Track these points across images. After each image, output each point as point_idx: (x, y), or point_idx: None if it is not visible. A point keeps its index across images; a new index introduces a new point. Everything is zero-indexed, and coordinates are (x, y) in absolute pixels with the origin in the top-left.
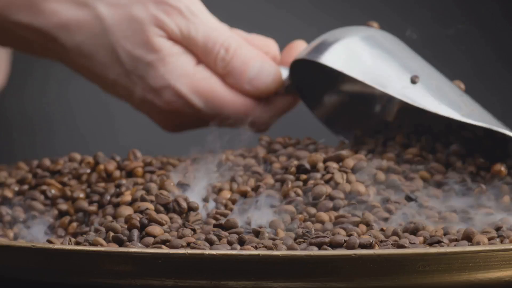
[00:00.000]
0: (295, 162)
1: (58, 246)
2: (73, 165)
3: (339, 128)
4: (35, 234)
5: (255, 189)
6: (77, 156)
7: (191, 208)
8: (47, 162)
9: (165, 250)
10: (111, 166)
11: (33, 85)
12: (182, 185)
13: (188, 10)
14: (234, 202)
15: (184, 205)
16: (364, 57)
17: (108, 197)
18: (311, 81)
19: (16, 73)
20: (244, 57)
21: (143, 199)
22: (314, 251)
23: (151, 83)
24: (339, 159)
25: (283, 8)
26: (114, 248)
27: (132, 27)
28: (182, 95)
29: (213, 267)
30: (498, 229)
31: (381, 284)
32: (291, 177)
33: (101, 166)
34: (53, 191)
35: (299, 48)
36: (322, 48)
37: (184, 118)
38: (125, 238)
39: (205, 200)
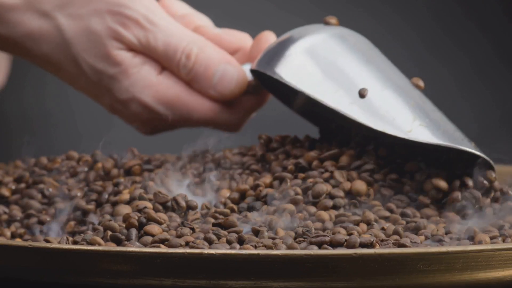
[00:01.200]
0: (292, 160)
1: (55, 245)
2: (71, 164)
3: (317, 121)
4: (32, 233)
5: (254, 187)
6: (75, 155)
7: (190, 207)
8: (44, 160)
9: (163, 249)
10: (109, 164)
11: (33, 84)
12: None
13: (145, 19)
14: (233, 200)
15: (183, 203)
16: (316, 67)
17: (106, 196)
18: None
19: (16, 73)
20: (206, 63)
21: (141, 198)
22: (314, 251)
23: (116, 95)
24: (336, 157)
25: (283, 8)
26: (112, 247)
27: (91, 40)
28: (148, 106)
29: (212, 266)
30: (500, 228)
31: (382, 284)
32: (290, 175)
33: (99, 165)
34: (50, 190)
35: (268, 40)
36: (274, 57)
37: (157, 123)
38: (123, 237)
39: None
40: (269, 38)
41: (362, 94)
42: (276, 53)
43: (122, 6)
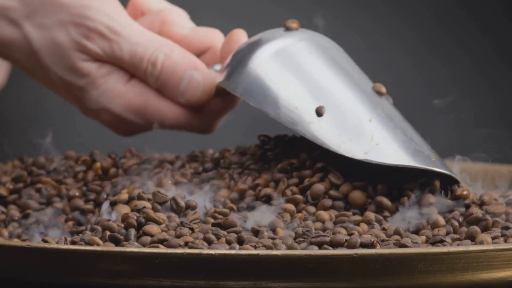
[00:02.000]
0: (285, 161)
1: (53, 245)
2: (69, 163)
3: None
4: (30, 233)
5: (253, 187)
6: (73, 154)
7: (189, 207)
8: (42, 160)
9: (162, 249)
10: (108, 164)
11: (32, 84)
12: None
13: (108, 30)
14: (232, 200)
15: (182, 203)
16: (276, 81)
17: (105, 196)
18: None
19: (16, 73)
20: (172, 70)
21: (140, 198)
22: (314, 251)
23: (87, 105)
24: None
25: (283, 7)
26: (110, 247)
27: (57, 52)
28: (118, 116)
29: (211, 267)
30: (503, 228)
31: (383, 284)
32: (286, 175)
33: (98, 164)
34: (48, 189)
35: (238, 39)
36: (235, 71)
37: (130, 128)
38: (121, 237)
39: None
40: (240, 37)
41: (319, 113)
42: (238, 65)
43: (85, 18)
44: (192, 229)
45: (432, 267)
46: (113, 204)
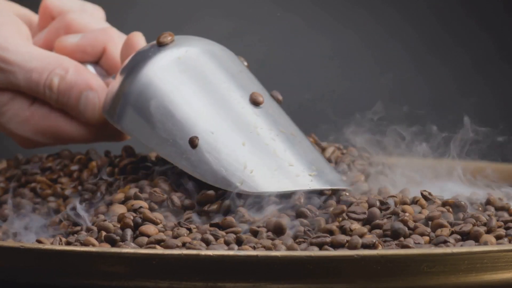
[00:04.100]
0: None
1: (48, 246)
2: (64, 162)
3: None
4: (24, 234)
5: None
6: (68, 153)
7: (186, 207)
8: (36, 159)
9: (159, 250)
10: (103, 163)
11: None
12: None
13: (0, 60)
14: None
15: (178, 203)
16: (148, 115)
17: (100, 195)
18: None
19: None
20: (69, 92)
21: (136, 197)
22: (315, 252)
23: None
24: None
25: (282, 6)
26: (106, 248)
27: None
28: (28, 139)
29: (209, 268)
30: (507, 228)
31: (385, 286)
32: None
33: (93, 163)
34: (43, 189)
35: (135, 43)
36: (116, 103)
37: (43, 145)
38: (118, 238)
39: None
40: (136, 41)
41: (192, 144)
42: (117, 97)
43: None
44: (189, 229)
45: (435, 268)
46: (109, 204)
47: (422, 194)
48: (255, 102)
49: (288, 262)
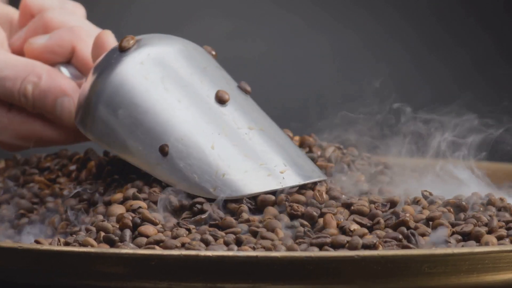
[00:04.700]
0: None
1: (46, 246)
2: (63, 162)
3: None
4: (23, 234)
5: None
6: (67, 153)
7: (184, 206)
8: (35, 158)
9: (158, 251)
10: (102, 162)
11: None
12: None
13: None
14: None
15: (176, 202)
16: (117, 125)
17: (99, 195)
18: None
19: None
20: (44, 99)
21: (135, 197)
22: (315, 252)
23: None
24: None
25: (282, 6)
26: (105, 249)
27: None
28: (9, 144)
29: (209, 269)
30: (508, 228)
31: (385, 287)
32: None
33: (92, 163)
34: (41, 189)
35: (104, 42)
36: (85, 114)
37: (26, 148)
38: (116, 238)
39: None
40: (105, 40)
41: (163, 152)
42: (86, 109)
43: None
44: (189, 230)
45: (436, 269)
46: (107, 204)
47: (423, 194)
48: (221, 101)
49: (288, 262)
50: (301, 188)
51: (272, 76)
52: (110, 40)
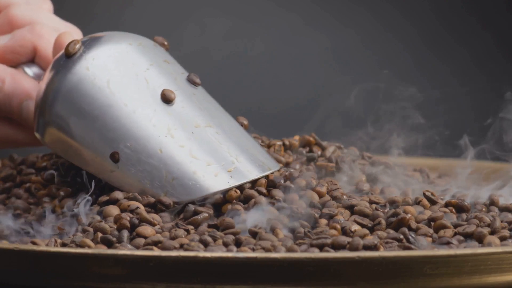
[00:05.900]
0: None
1: (43, 248)
2: (60, 161)
3: None
4: (19, 235)
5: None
6: None
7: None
8: (31, 158)
9: (156, 252)
10: None
11: None
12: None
13: None
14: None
15: (168, 201)
16: (71, 134)
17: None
18: None
19: None
20: (9, 103)
21: (133, 198)
22: (315, 253)
23: None
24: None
25: (283, 6)
26: (102, 250)
27: None
28: None
29: (207, 270)
30: (511, 229)
31: None
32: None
33: None
34: (38, 189)
35: (64, 44)
36: (39, 122)
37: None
38: (114, 239)
39: None
40: (66, 42)
41: (114, 159)
42: (40, 117)
43: None
44: (187, 231)
45: (438, 270)
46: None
47: (424, 194)
48: (167, 101)
49: (288, 264)
50: (301, 189)
51: (270, 75)
52: (69, 40)
